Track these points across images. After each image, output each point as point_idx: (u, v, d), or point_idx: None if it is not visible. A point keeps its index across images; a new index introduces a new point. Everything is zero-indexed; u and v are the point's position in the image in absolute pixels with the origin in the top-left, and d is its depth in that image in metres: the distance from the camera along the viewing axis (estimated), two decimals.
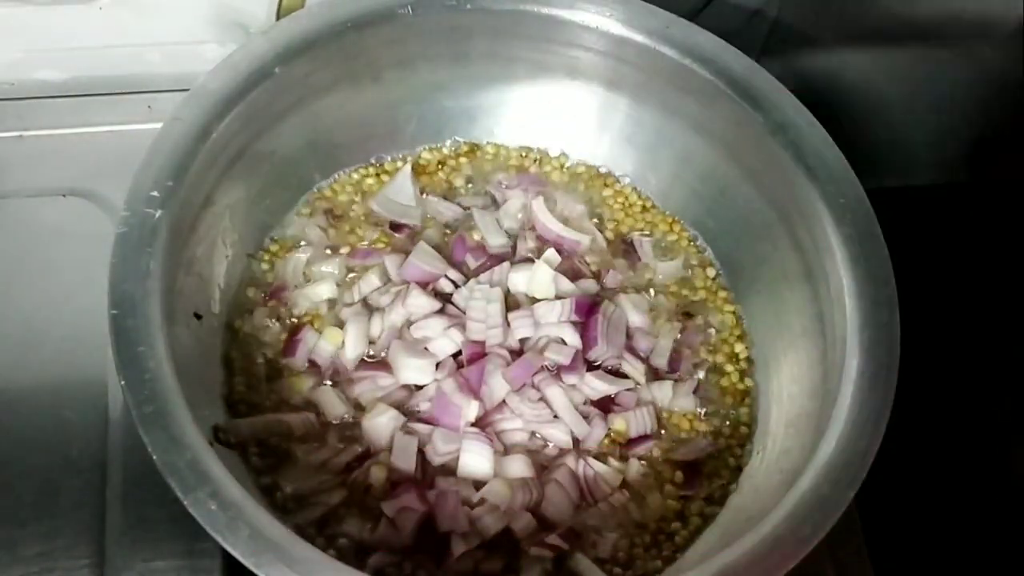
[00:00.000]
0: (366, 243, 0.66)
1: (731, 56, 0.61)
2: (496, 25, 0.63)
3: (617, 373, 0.62)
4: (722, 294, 0.67)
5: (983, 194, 0.83)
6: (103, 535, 0.55)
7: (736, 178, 0.65)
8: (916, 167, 0.83)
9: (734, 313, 0.66)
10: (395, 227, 0.67)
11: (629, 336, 0.63)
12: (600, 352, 0.61)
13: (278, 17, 0.68)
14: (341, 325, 0.61)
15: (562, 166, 0.71)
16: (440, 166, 0.70)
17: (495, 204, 0.69)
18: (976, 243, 0.82)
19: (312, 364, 0.61)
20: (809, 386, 0.58)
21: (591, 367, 0.61)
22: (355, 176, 0.69)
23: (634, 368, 0.62)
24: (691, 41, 0.61)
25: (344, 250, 0.65)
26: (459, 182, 0.70)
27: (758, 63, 0.61)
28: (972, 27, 0.73)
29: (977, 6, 0.72)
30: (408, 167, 0.69)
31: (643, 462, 0.60)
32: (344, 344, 0.60)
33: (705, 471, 0.60)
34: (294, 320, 0.62)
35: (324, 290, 0.63)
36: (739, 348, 0.65)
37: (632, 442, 0.60)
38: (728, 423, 0.62)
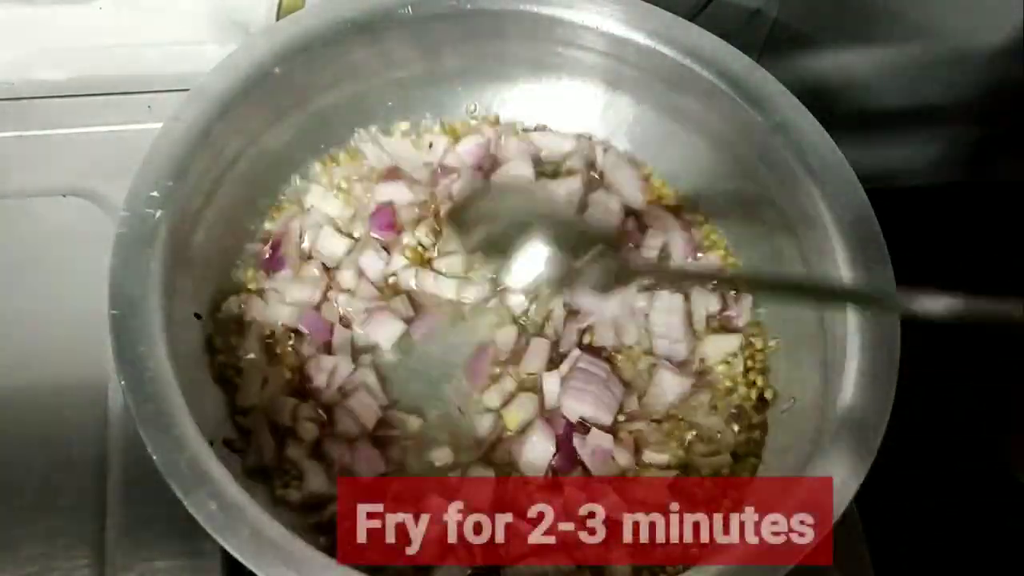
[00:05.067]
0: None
1: (731, 56, 0.61)
2: (496, 25, 0.63)
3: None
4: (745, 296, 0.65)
5: (983, 194, 0.83)
6: (103, 535, 0.55)
7: (736, 178, 0.65)
8: (916, 167, 0.84)
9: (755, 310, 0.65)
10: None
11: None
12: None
13: (278, 17, 0.68)
14: None
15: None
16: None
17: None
18: (976, 243, 0.82)
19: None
20: (809, 386, 0.58)
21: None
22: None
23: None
24: (691, 41, 0.61)
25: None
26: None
27: (758, 63, 0.61)
28: (972, 27, 0.73)
29: (977, 6, 0.72)
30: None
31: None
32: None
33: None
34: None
35: (288, 311, 0.61)
36: (758, 348, 0.64)
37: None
38: (740, 430, 0.61)
